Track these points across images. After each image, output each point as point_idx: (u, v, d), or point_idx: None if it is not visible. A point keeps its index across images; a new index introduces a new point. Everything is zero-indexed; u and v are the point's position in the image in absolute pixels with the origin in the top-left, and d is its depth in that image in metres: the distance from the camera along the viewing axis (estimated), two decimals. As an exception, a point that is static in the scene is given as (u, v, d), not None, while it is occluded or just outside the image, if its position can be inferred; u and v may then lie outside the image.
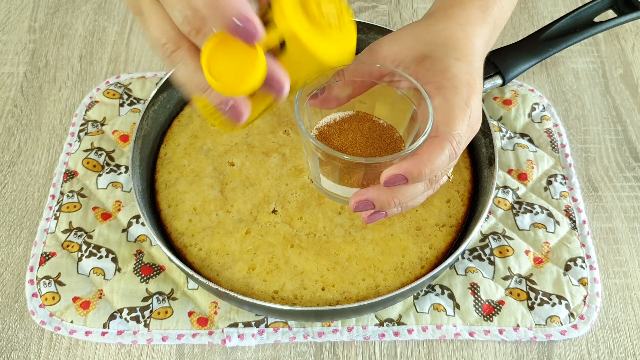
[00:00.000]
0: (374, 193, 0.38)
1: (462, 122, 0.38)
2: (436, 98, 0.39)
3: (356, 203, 0.38)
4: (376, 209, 0.39)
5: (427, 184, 0.39)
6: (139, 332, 0.49)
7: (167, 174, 0.54)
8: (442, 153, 0.36)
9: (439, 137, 0.37)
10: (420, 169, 0.36)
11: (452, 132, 0.37)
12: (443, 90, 0.39)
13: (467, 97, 0.38)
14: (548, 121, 0.62)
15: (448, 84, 0.39)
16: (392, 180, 0.36)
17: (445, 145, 0.37)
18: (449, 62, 0.40)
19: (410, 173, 0.36)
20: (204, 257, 0.49)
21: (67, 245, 0.53)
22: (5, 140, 0.62)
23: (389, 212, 0.40)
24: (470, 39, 0.42)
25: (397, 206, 0.39)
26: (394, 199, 0.38)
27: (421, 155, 0.36)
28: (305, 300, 0.47)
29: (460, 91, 0.38)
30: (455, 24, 0.42)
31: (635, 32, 0.71)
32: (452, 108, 0.38)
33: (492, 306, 0.51)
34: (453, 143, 0.37)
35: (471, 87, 0.39)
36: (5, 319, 0.51)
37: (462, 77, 0.39)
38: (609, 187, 0.58)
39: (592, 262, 0.53)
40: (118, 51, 0.69)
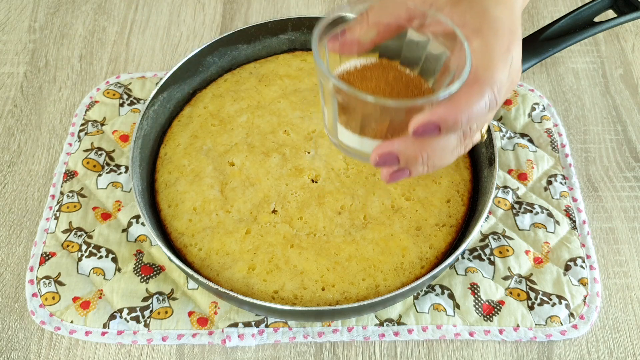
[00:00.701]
0: (400, 145, 0.33)
1: (504, 69, 0.34)
2: (475, 41, 0.34)
3: (378, 156, 0.34)
4: (401, 164, 0.34)
5: (460, 138, 0.35)
6: (139, 332, 0.49)
7: (167, 174, 0.54)
8: (481, 99, 0.32)
9: (479, 82, 0.33)
10: (457, 116, 0.32)
11: (493, 77, 0.33)
12: (482, 33, 0.34)
13: (509, 42, 0.34)
14: (548, 121, 0.62)
15: (488, 26, 0.35)
16: (424, 128, 0.32)
17: (486, 91, 0.33)
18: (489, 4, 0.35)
19: (445, 120, 0.31)
20: (204, 257, 0.49)
21: (67, 245, 0.53)
22: (5, 140, 0.62)
23: (414, 171, 0.35)
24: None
25: (424, 163, 0.34)
26: (423, 152, 0.33)
27: (459, 100, 0.32)
28: (305, 300, 0.47)
29: (502, 35, 0.34)
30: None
31: (635, 32, 0.71)
32: (493, 52, 0.34)
33: (492, 306, 0.50)
34: (495, 89, 0.33)
35: (513, 34, 0.35)
36: (5, 319, 0.51)
37: (504, 21, 0.35)
38: (609, 187, 0.58)
39: (592, 262, 0.53)
40: (118, 51, 0.69)
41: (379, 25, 0.37)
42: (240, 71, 0.61)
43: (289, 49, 0.63)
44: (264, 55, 0.62)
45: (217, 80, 0.60)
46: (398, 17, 0.36)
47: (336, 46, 0.37)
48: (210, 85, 0.60)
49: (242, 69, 0.61)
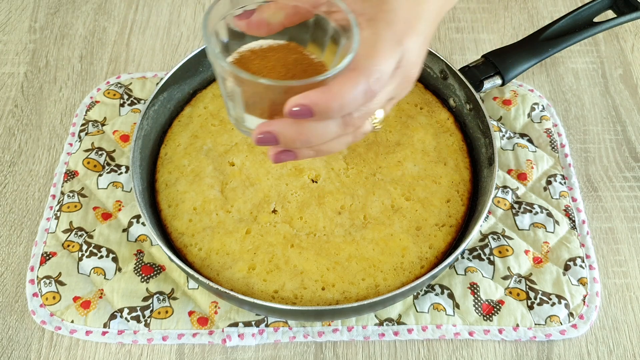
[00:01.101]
0: (278, 126, 0.33)
1: (387, 60, 0.33)
2: (366, 30, 0.34)
3: (259, 134, 0.34)
4: (281, 145, 0.34)
5: (341, 126, 0.34)
6: (140, 332, 0.49)
7: (168, 174, 0.54)
8: (354, 87, 0.32)
9: (356, 70, 0.32)
10: (328, 102, 0.31)
11: (371, 67, 0.33)
12: (375, 22, 0.34)
13: (401, 34, 0.34)
14: (547, 121, 0.62)
15: (382, 16, 0.34)
16: (297, 111, 0.32)
17: (360, 80, 0.32)
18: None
19: (316, 104, 0.31)
20: (204, 256, 0.49)
21: (67, 245, 0.53)
22: (6, 140, 0.62)
23: (299, 154, 0.36)
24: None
25: (305, 146, 0.34)
26: (301, 136, 0.33)
27: (332, 87, 0.32)
28: (305, 299, 0.47)
29: (394, 27, 0.34)
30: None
31: (634, 33, 0.71)
32: (379, 41, 0.33)
33: (492, 306, 0.51)
34: (371, 79, 0.32)
35: (410, 26, 0.35)
36: (6, 319, 0.51)
37: (400, 13, 0.34)
38: (608, 187, 0.58)
39: (591, 261, 0.53)
40: (118, 51, 0.69)
41: (287, 7, 0.37)
42: (241, 71, 0.61)
43: (289, 49, 0.63)
44: (264, 56, 0.62)
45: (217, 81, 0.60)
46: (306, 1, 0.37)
47: (243, 25, 0.37)
48: (210, 86, 0.60)
49: (242, 69, 0.61)
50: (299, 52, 0.38)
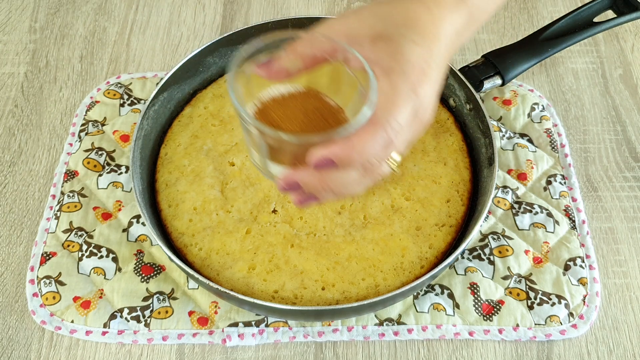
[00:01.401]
0: (303, 175, 0.35)
1: (403, 110, 0.35)
2: (382, 81, 0.36)
3: (284, 183, 0.36)
4: (305, 192, 0.36)
5: (361, 173, 0.36)
6: (140, 332, 0.49)
7: (168, 174, 0.54)
8: (373, 140, 0.34)
9: (375, 122, 0.34)
10: (350, 154, 0.33)
11: (388, 119, 0.34)
12: (390, 74, 0.36)
13: (415, 83, 0.35)
14: (547, 121, 0.62)
15: (397, 67, 0.36)
16: (320, 162, 0.34)
17: (378, 132, 0.34)
18: (404, 45, 0.37)
19: (338, 157, 0.33)
20: (204, 256, 0.49)
21: (67, 245, 0.53)
22: (6, 140, 0.62)
23: (321, 198, 0.37)
24: (437, 23, 0.38)
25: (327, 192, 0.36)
26: (324, 184, 0.35)
27: (352, 140, 0.34)
28: (305, 299, 0.47)
29: (409, 77, 0.36)
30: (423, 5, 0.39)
31: (634, 33, 0.71)
32: (395, 93, 0.35)
33: (492, 306, 0.51)
34: (388, 130, 0.34)
35: (424, 74, 0.36)
36: (6, 319, 0.51)
37: (414, 62, 0.36)
38: (608, 187, 0.58)
39: (591, 261, 0.53)
40: (118, 51, 0.69)
41: (304, 56, 0.38)
42: (241, 71, 0.61)
43: (289, 49, 0.63)
44: (264, 56, 0.62)
45: (217, 81, 0.60)
46: (322, 49, 0.38)
47: (263, 72, 0.38)
48: (210, 86, 0.60)
49: (243, 69, 0.61)
50: (318, 97, 0.40)
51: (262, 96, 0.39)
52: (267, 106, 0.39)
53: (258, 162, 0.41)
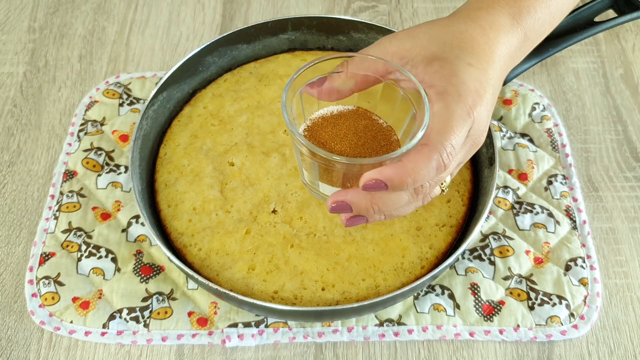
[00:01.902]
0: (353, 196, 0.35)
1: (459, 133, 0.35)
2: (437, 104, 0.35)
3: (333, 203, 0.36)
4: (354, 212, 0.36)
5: (412, 195, 0.36)
6: (139, 333, 0.49)
7: (167, 174, 0.54)
8: (428, 164, 0.34)
9: (429, 146, 0.34)
10: (403, 178, 0.33)
11: (444, 143, 0.34)
12: (445, 96, 0.35)
13: (470, 106, 0.35)
14: (548, 121, 0.62)
15: (453, 90, 0.35)
16: (371, 185, 0.33)
17: (433, 156, 0.34)
18: (459, 67, 0.36)
19: (391, 180, 0.33)
20: (204, 257, 0.49)
21: (66, 245, 0.53)
22: (5, 140, 0.61)
23: (370, 218, 0.37)
24: (492, 45, 0.38)
25: (377, 213, 0.36)
26: (374, 205, 0.35)
27: (405, 163, 0.33)
28: (305, 300, 0.47)
29: (465, 99, 0.35)
30: (478, 27, 0.38)
31: (635, 32, 0.71)
32: (451, 116, 0.35)
33: (493, 306, 0.50)
34: (443, 154, 0.34)
35: (479, 96, 0.36)
36: (5, 319, 0.51)
37: (469, 84, 0.36)
38: (609, 187, 0.58)
39: (592, 262, 0.53)
40: (118, 51, 0.69)
41: (357, 76, 0.38)
42: (240, 71, 0.61)
43: (289, 49, 0.63)
44: (264, 55, 0.62)
45: (217, 80, 0.60)
46: (375, 70, 0.38)
47: (314, 92, 0.38)
48: (210, 85, 0.60)
49: (242, 68, 0.61)
50: (368, 117, 0.40)
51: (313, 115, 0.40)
52: (317, 125, 0.39)
53: (308, 182, 0.41)
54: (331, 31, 0.61)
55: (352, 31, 0.60)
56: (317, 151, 0.34)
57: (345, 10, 0.73)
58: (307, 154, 0.36)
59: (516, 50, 0.40)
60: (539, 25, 0.41)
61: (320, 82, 0.38)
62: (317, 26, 0.60)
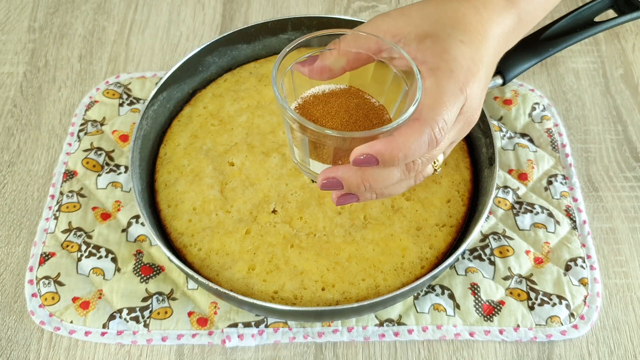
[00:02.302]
0: (343, 172, 0.35)
1: (450, 109, 0.34)
2: (428, 79, 0.35)
3: (323, 179, 0.35)
4: (345, 190, 0.36)
5: (404, 172, 0.36)
6: (139, 332, 0.49)
7: (167, 174, 0.54)
8: (419, 138, 0.33)
9: (420, 120, 0.33)
10: (393, 152, 0.33)
11: (435, 117, 0.34)
12: (437, 72, 0.35)
13: (463, 82, 0.35)
14: (548, 121, 0.62)
15: (444, 66, 0.35)
16: (362, 160, 0.33)
17: (425, 130, 0.33)
18: (451, 44, 0.36)
19: (381, 154, 0.33)
20: (204, 257, 0.49)
21: (66, 245, 0.53)
22: (5, 140, 0.61)
23: (362, 197, 0.37)
24: (485, 24, 0.38)
25: (368, 190, 0.36)
26: (365, 182, 0.35)
27: (396, 138, 0.33)
28: (305, 300, 0.47)
29: (457, 75, 0.35)
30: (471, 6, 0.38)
31: (635, 32, 0.71)
32: (442, 92, 0.34)
33: (493, 306, 0.50)
34: (435, 129, 0.33)
35: (471, 73, 0.36)
36: (5, 319, 0.51)
37: (461, 61, 0.36)
38: (609, 187, 0.58)
39: (592, 262, 0.53)
40: (118, 51, 0.69)
41: (349, 54, 0.38)
42: (240, 71, 0.61)
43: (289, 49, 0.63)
44: (264, 55, 0.62)
45: (217, 80, 0.60)
46: (368, 48, 0.38)
47: (306, 71, 0.38)
48: (210, 85, 0.60)
49: (242, 68, 0.61)
50: (360, 96, 0.39)
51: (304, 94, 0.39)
52: (309, 103, 0.38)
53: (299, 160, 0.40)
54: (331, 31, 0.61)
55: (352, 31, 0.60)
56: (308, 125, 0.34)
57: (345, 10, 0.73)
58: (297, 129, 0.36)
59: (510, 32, 0.40)
60: (533, 8, 0.41)
61: (311, 60, 0.38)
62: (317, 26, 0.60)
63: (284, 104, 0.34)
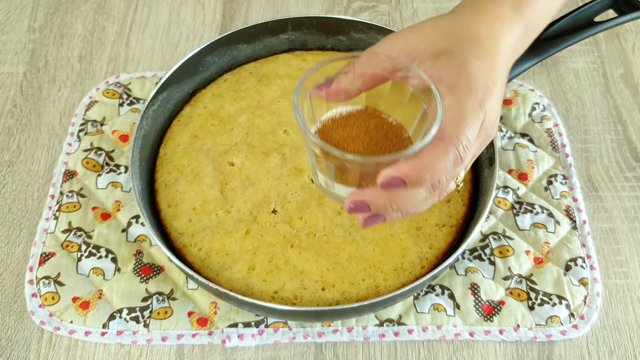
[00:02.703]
0: (370, 195, 0.35)
1: (473, 126, 0.35)
2: (447, 97, 0.35)
3: (351, 203, 0.36)
4: (372, 212, 0.36)
5: (429, 190, 0.36)
6: (139, 333, 0.49)
7: (167, 174, 0.54)
8: (445, 158, 0.34)
9: (445, 140, 0.34)
10: (421, 173, 0.33)
11: (459, 136, 0.34)
12: (456, 90, 0.35)
13: (482, 98, 0.35)
14: (548, 121, 0.62)
15: (463, 83, 0.36)
16: (389, 182, 0.34)
17: (450, 150, 0.34)
18: (467, 60, 0.36)
19: (409, 176, 0.33)
20: (204, 257, 0.49)
21: (66, 245, 0.53)
22: (5, 140, 0.61)
23: (388, 217, 0.37)
24: (496, 38, 0.38)
25: (395, 211, 0.36)
26: (392, 203, 0.35)
27: (422, 158, 0.33)
28: (305, 300, 0.47)
29: (476, 92, 0.35)
30: (482, 20, 0.38)
31: (635, 32, 0.71)
32: (464, 109, 0.35)
33: (493, 306, 0.50)
34: (459, 148, 0.34)
35: (489, 89, 0.36)
36: (5, 319, 0.51)
37: (479, 77, 0.36)
38: (609, 187, 0.58)
39: (592, 262, 0.53)
40: (118, 51, 0.69)
41: (364, 75, 0.38)
42: (240, 71, 0.61)
43: (289, 49, 0.63)
44: (264, 55, 0.62)
45: (217, 80, 0.60)
46: (383, 68, 0.38)
47: (322, 94, 0.38)
48: (210, 85, 0.60)
49: (242, 68, 0.61)
50: (378, 116, 0.39)
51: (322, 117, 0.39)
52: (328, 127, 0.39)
53: (323, 184, 0.41)
54: (331, 31, 0.61)
55: (352, 31, 0.60)
56: (332, 151, 0.34)
57: (345, 10, 0.74)
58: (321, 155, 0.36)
59: (519, 41, 0.40)
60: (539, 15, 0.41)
61: (327, 83, 0.38)
62: (317, 26, 0.60)
63: (307, 131, 0.35)
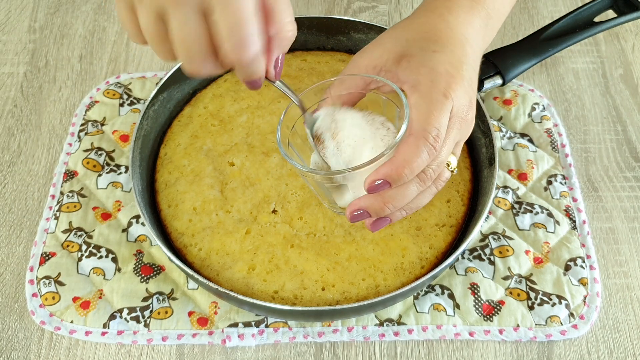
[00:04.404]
0: (365, 201, 0.37)
1: (440, 115, 0.36)
2: (412, 96, 0.37)
3: (351, 213, 0.38)
4: (373, 216, 0.38)
5: (419, 184, 0.37)
6: (139, 332, 0.49)
7: (167, 174, 0.54)
8: (417, 151, 0.35)
9: (413, 134, 0.36)
10: (399, 170, 0.35)
11: (426, 128, 0.35)
12: (419, 87, 0.37)
13: (445, 87, 0.37)
14: (548, 121, 0.62)
15: (424, 79, 0.37)
16: (374, 186, 0.36)
17: (419, 143, 0.35)
18: (426, 57, 0.38)
19: (389, 176, 0.35)
20: (204, 257, 0.49)
21: (67, 245, 0.53)
22: (5, 140, 0.62)
23: (393, 217, 0.39)
24: (453, 28, 0.40)
25: (396, 210, 0.38)
26: (388, 204, 0.37)
27: (397, 157, 0.35)
28: (305, 300, 0.47)
29: (437, 83, 0.37)
30: (436, 15, 0.41)
31: (635, 32, 0.71)
32: (428, 103, 0.36)
33: (492, 306, 0.50)
34: (429, 138, 0.35)
35: (452, 77, 0.37)
36: (5, 319, 0.51)
37: (439, 69, 0.37)
38: (609, 187, 0.58)
39: (592, 262, 0.53)
40: (118, 51, 0.69)
41: (342, 97, 0.41)
42: (240, 71, 0.61)
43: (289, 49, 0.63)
44: (264, 55, 0.62)
45: (217, 80, 0.60)
46: (356, 86, 0.41)
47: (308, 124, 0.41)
48: (210, 85, 0.60)
49: (242, 69, 0.61)
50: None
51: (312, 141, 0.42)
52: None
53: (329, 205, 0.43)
54: (331, 31, 0.61)
55: (352, 31, 0.60)
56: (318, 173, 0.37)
57: (345, 11, 0.74)
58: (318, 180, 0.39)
59: (481, 28, 0.42)
60: (499, 3, 0.43)
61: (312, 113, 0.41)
62: (317, 26, 0.61)
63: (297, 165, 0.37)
